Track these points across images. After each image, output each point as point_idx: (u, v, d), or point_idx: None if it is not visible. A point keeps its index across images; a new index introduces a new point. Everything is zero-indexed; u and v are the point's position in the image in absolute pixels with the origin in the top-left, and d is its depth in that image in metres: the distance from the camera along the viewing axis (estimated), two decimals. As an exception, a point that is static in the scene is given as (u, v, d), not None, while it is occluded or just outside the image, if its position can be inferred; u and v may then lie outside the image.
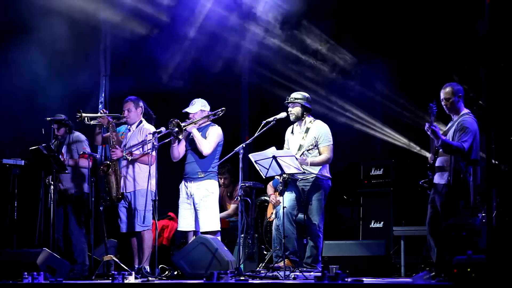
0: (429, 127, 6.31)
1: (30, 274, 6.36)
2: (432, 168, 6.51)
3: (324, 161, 7.42)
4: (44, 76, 9.04)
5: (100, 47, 9.87)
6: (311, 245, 7.40)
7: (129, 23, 9.31)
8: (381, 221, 8.69)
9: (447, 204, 6.35)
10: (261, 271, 7.40)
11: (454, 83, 6.57)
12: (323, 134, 7.46)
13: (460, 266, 5.02)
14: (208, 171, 7.38)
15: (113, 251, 8.46)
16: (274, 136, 7.66)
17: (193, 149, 7.43)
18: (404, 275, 7.81)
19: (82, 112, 7.56)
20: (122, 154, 7.49)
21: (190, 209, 7.39)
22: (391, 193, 8.68)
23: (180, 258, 6.90)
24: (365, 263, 7.49)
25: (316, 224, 7.37)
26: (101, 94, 9.84)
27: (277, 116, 7.27)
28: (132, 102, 7.65)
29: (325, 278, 5.55)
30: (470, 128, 6.38)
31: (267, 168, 6.92)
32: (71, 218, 7.84)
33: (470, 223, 6.07)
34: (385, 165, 8.88)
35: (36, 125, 8.11)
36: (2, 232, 8.49)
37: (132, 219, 7.45)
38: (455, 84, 6.54)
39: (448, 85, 6.53)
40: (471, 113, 6.53)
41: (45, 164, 7.59)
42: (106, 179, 7.50)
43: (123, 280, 6.28)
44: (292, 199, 7.42)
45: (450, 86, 6.51)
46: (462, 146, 6.31)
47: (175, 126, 7.24)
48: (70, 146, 7.97)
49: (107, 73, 9.90)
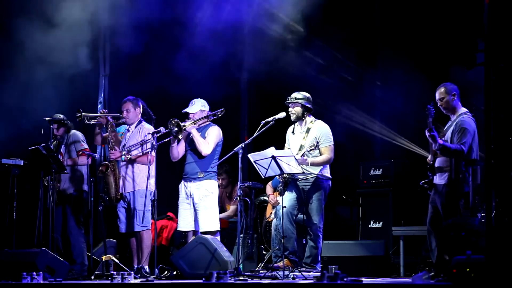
0: (429, 131, 6.34)
1: (29, 274, 6.35)
2: (432, 168, 6.52)
3: (324, 162, 7.42)
4: (44, 76, 9.03)
5: (100, 47, 9.86)
6: (311, 245, 7.40)
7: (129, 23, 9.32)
8: (380, 221, 8.69)
9: (448, 204, 6.35)
10: (260, 271, 7.40)
11: (447, 82, 6.63)
12: (324, 134, 7.46)
13: (459, 266, 5.01)
14: (208, 171, 7.38)
15: (112, 251, 8.46)
16: (274, 136, 7.65)
17: (193, 149, 7.43)
18: (403, 275, 7.80)
19: (82, 112, 7.57)
20: (120, 155, 7.50)
21: (190, 209, 7.39)
22: (390, 193, 8.68)
23: (179, 258, 6.90)
24: (364, 263, 7.49)
25: (316, 224, 7.37)
26: (101, 94, 9.84)
27: (276, 116, 7.27)
28: (131, 102, 7.66)
29: (324, 278, 5.55)
30: (469, 128, 6.39)
31: (266, 168, 6.92)
32: (70, 218, 7.84)
33: (469, 223, 6.07)
34: (384, 165, 8.88)
35: (35, 125, 8.11)
36: (1, 232, 8.49)
37: (131, 219, 7.45)
38: (449, 84, 6.61)
39: (442, 85, 6.61)
40: (469, 112, 6.54)
41: (44, 164, 7.59)
42: (105, 179, 7.50)
43: (122, 280, 6.28)
44: (292, 199, 7.42)
45: (444, 86, 6.59)
46: (461, 148, 6.33)
47: (175, 125, 7.24)
48: (68, 145, 7.97)
49: (107, 73, 9.90)
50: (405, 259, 7.97)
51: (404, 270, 7.89)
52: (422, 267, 7.50)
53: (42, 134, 7.79)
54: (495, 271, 4.71)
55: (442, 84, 6.62)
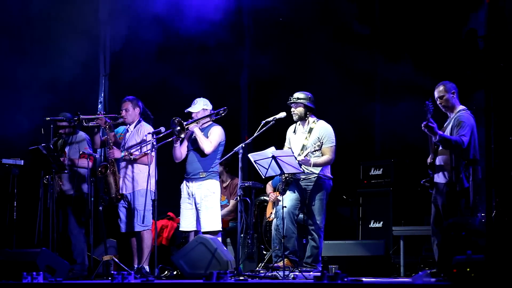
0: (426, 124, 6.32)
1: (29, 274, 6.34)
2: (433, 166, 6.52)
3: (326, 162, 7.41)
4: (43, 76, 9.04)
5: (99, 47, 9.86)
6: (312, 245, 7.39)
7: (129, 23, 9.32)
8: (380, 221, 8.69)
9: (448, 203, 6.35)
10: (261, 271, 7.40)
11: (446, 81, 6.64)
12: (327, 134, 7.45)
13: (460, 266, 5.01)
14: (210, 171, 7.37)
15: (112, 251, 8.46)
16: (274, 136, 7.65)
17: (195, 149, 7.42)
18: (404, 275, 7.80)
19: (80, 115, 7.56)
20: (120, 154, 7.50)
21: (192, 209, 7.39)
22: (391, 193, 8.68)
23: (179, 258, 6.90)
24: (365, 263, 7.50)
25: (318, 223, 7.37)
26: (101, 94, 9.84)
27: (277, 116, 7.26)
28: (130, 102, 7.66)
29: (324, 278, 5.55)
30: (467, 122, 6.40)
31: (267, 168, 6.91)
32: (70, 218, 7.84)
33: (469, 223, 6.07)
34: (384, 165, 8.88)
35: (35, 125, 8.11)
36: (1, 232, 8.49)
37: (131, 219, 7.45)
38: (447, 82, 6.62)
39: (441, 84, 6.63)
40: (467, 109, 6.55)
41: (45, 164, 7.59)
42: (105, 180, 7.50)
43: (122, 280, 6.27)
44: (294, 198, 7.42)
45: (443, 84, 6.61)
46: (461, 140, 6.32)
47: (177, 124, 7.22)
48: (72, 145, 7.98)
49: (107, 73, 9.90)
50: (405, 259, 7.97)
51: (404, 270, 7.89)
52: (422, 267, 7.51)
53: (42, 134, 7.78)
54: (495, 271, 4.71)
55: (441, 83, 6.63)
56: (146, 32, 9.25)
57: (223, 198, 8.93)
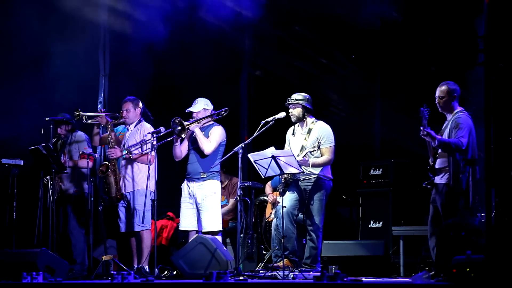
0: (424, 130, 6.30)
1: (29, 274, 6.35)
2: (433, 169, 6.50)
3: (325, 163, 7.41)
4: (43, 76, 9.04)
5: (99, 47, 9.86)
6: (311, 246, 7.40)
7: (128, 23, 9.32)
8: (380, 221, 8.69)
9: (447, 203, 6.35)
10: (260, 271, 7.40)
11: (451, 82, 6.52)
12: (326, 135, 7.44)
13: (459, 266, 5.02)
14: (210, 171, 7.37)
15: (112, 251, 8.46)
16: (274, 136, 7.65)
17: (196, 149, 7.42)
18: (403, 275, 7.80)
19: (80, 111, 7.57)
20: (120, 153, 7.50)
21: (192, 209, 7.39)
22: (390, 193, 8.67)
23: (179, 258, 6.90)
24: (364, 263, 7.49)
25: (317, 224, 7.37)
26: (100, 94, 9.83)
27: (276, 116, 7.26)
28: (131, 102, 7.66)
29: (324, 278, 5.55)
30: (465, 124, 6.37)
31: (266, 168, 6.91)
32: (71, 217, 7.85)
33: (469, 223, 6.07)
34: (384, 165, 8.87)
35: (35, 125, 8.11)
36: (1, 232, 8.49)
37: (131, 219, 7.45)
38: (452, 83, 6.50)
39: (445, 84, 6.51)
40: (464, 111, 6.50)
41: (44, 164, 7.59)
42: (105, 179, 7.50)
43: (122, 280, 6.27)
44: (293, 199, 7.42)
45: (446, 85, 6.49)
46: (460, 142, 6.30)
47: (178, 124, 7.22)
48: (71, 145, 7.98)
49: (107, 73, 9.90)
50: (405, 259, 7.97)
51: (404, 270, 7.89)
52: (422, 267, 7.50)
53: (42, 134, 7.79)
54: (495, 271, 4.72)
55: (445, 83, 6.50)
56: (146, 32, 9.25)
57: (222, 198, 8.93)
